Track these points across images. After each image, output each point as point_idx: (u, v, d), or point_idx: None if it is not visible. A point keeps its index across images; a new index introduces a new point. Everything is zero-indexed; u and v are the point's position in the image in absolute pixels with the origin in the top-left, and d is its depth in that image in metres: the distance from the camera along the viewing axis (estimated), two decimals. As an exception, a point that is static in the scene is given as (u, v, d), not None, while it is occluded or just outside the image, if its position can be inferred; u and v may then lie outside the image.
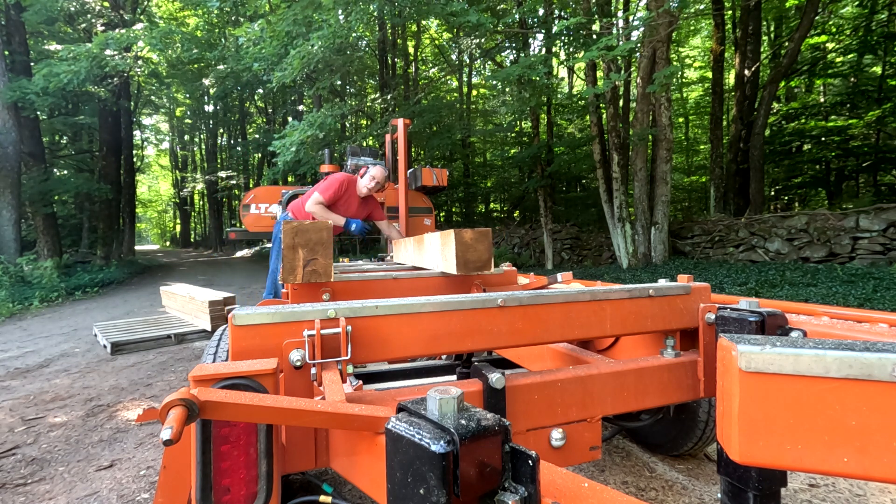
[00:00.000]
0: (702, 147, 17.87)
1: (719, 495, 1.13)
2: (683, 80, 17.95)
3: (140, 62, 12.49)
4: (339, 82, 15.47)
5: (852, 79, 13.06)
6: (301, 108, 19.64)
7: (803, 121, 13.30)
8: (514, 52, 15.02)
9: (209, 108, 26.82)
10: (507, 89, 12.09)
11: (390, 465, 0.55)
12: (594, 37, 8.08)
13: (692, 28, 16.71)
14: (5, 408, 3.08)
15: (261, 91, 20.54)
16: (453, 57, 17.90)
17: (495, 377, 1.09)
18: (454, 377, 2.04)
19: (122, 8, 14.99)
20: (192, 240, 37.64)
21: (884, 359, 0.55)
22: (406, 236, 4.02)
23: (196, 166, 34.67)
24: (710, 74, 13.66)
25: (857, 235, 7.19)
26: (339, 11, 8.16)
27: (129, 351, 4.56)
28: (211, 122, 28.53)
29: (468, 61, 16.81)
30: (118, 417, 2.84)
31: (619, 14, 11.76)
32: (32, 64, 11.72)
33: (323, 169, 3.53)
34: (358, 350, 1.05)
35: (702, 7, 11.91)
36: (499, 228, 15.66)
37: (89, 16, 14.37)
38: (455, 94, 19.55)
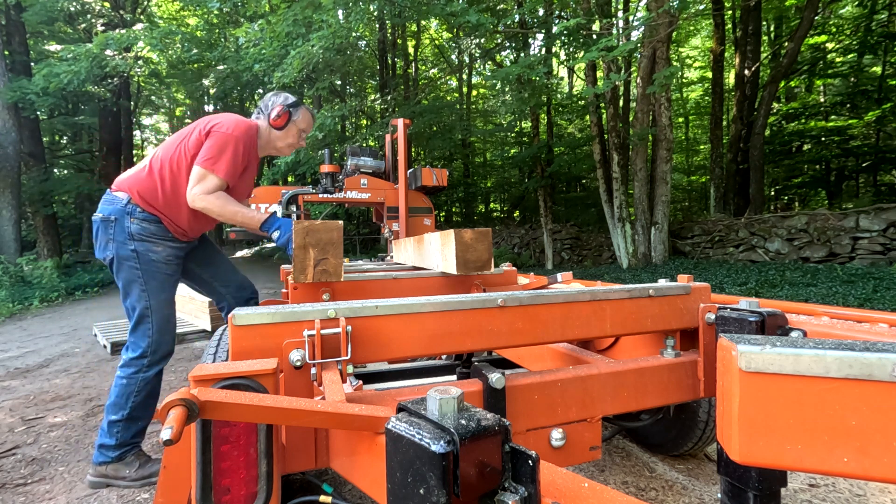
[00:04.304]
0: (702, 147, 17.87)
1: (719, 495, 1.13)
2: (683, 80, 17.95)
3: (140, 62, 12.49)
4: (339, 82, 15.48)
5: (852, 79, 13.07)
6: (301, 108, 19.60)
7: (803, 121, 13.31)
8: (514, 52, 15.03)
9: (209, 108, 26.82)
10: (506, 89, 12.08)
11: (390, 465, 0.55)
12: (594, 37, 8.09)
13: (692, 28, 16.71)
14: (5, 408, 3.09)
15: (261, 91, 20.54)
16: (453, 57, 17.90)
17: (495, 377, 1.09)
18: (454, 377, 2.04)
19: (122, 8, 15.00)
20: (192, 240, 37.60)
21: (884, 359, 0.56)
22: (406, 236, 4.01)
23: (196, 166, 34.62)
24: (710, 74, 13.67)
25: (857, 235, 7.19)
26: (339, 11, 8.16)
27: (129, 351, 4.56)
28: (211, 122, 28.52)
29: (468, 61, 16.81)
30: (118, 417, 2.84)
31: (619, 14, 11.76)
32: (32, 64, 11.73)
33: (323, 169, 3.49)
34: (358, 350, 1.06)
35: (702, 7, 11.91)
36: (499, 228, 15.66)
37: (89, 16, 14.37)
38: (455, 94, 19.55)
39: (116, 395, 1.89)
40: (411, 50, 18.90)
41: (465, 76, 18.10)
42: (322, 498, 1.12)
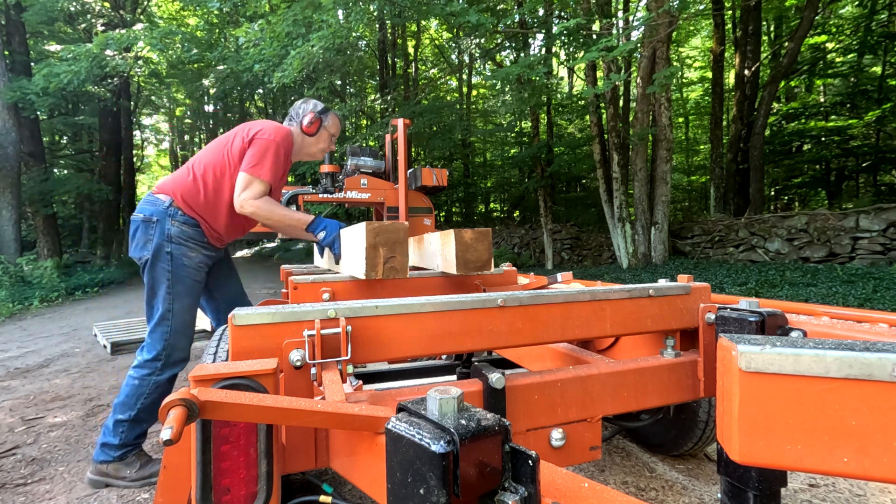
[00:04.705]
0: (702, 147, 17.87)
1: (719, 495, 1.13)
2: (683, 80, 17.95)
3: (140, 62, 12.49)
4: (338, 82, 15.47)
5: (852, 79, 13.06)
6: (301, 108, 19.59)
7: (803, 121, 13.31)
8: (514, 52, 15.03)
9: (209, 108, 26.82)
10: (506, 89, 12.09)
11: (390, 465, 0.55)
12: (594, 37, 8.09)
13: (692, 28, 16.71)
14: (5, 408, 3.08)
15: (261, 91, 20.54)
16: (453, 57, 17.90)
17: (495, 377, 1.09)
18: (454, 377, 2.04)
19: (122, 8, 15.00)
20: (192, 240, 37.57)
21: (884, 359, 0.56)
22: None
23: (196, 166, 34.63)
24: (710, 74, 13.67)
25: (857, 235, 7.19)
26: (339, 11, 8.15)
27: (130, 351, 4.55)
28: (211, 122, 28.54)
29: (468, 61, 16.81)
30: (118, 417, 2.84)
31: (619, 14, 11.76)
32: (32, 64, 11.72)
33: (323, 169, 3.48)
34: (358, 350, 1.06)
35: (702, 7, 11.91)
36: (499, 228, 15.67)
37: (89, 16, 14.37)
38: (455, 94, 19.54)
39: (126, 394, 1.88)
40: (411, 50, 18.90)
41: (465, 76, 18.10)
42: (322, 498, 1.12)
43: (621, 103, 11.36)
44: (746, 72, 11.06)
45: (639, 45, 8.17)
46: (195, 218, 1.97)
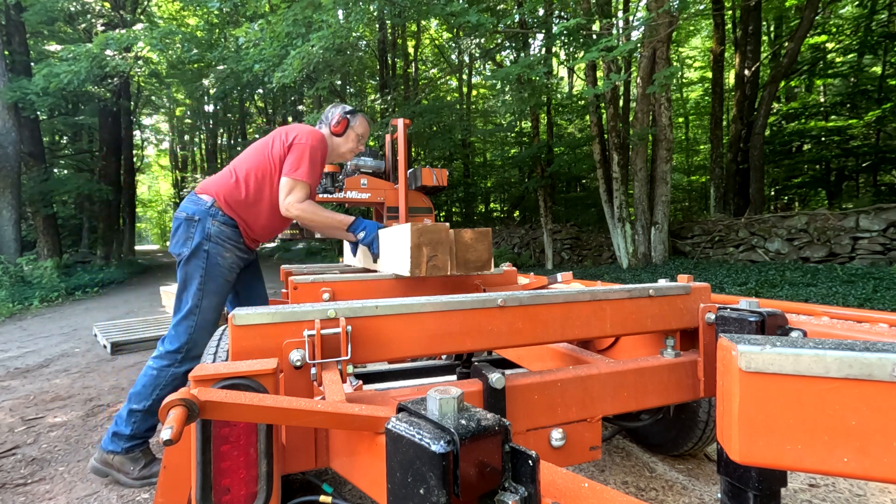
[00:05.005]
0: (702, 147, 17.87)
1: (719, 495, 1.13)
2: (683, 80, 17.95)
3: (140, 62, 12.49)
4: (339, 82, 15.47)
5: (852, 79, 13.06)
6: (301, 108, 19.64)
7: (803, 121, 13.30)
8: (514, 52, 15.03)
9: (209, 108, 26.83)
10: (506, 89, 12.09)
11: (390, 465, 0.55)
12: (594, 37, 8.09)
13: (692, 28, 16.71)
14: (5, 408, 3.09)
15: (261, 91, 20.54)
16: (453, 57, 17.89)
17: (495, 377, 1.09)
18: (454, 377, 2.04)
19: (122, 8, 15.00)
20: (192, 240, 37.51)
21: (884, 359, 0.56)
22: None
23: (196, 166, 34.67)
24: (710, 74, 13.67)
25: (857, 235, 7.19)
26: (339, 11, 8.15)
27: (129, 351, 4.56)
28: (211, 122, 28.54)
29: (468, 61, 16.81)
30: (118, 417, 2.85)
31: (619, 14, 11.76)
32: (32, 64, 11.72)
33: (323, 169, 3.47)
34: (358, 350, 1.06)
35: (702, 7, 11.91)
36: (499, 228, 15.66)
37: (89, 16, 14.36)
38: (455, 94, 19.54)
39: (143, 384, 1.92)
40: (411, 50, 18.90)
41: (465, 76, 18.10)
42: (322, 498, 1.12)
43: (621, 103, 11.36)
44: (746, 72, 11.06)
45: (639, 45, 8.17)
46: (234, 219, 2.06)
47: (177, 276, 2.03)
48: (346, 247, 2.82)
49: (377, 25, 13.66)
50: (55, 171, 15.24)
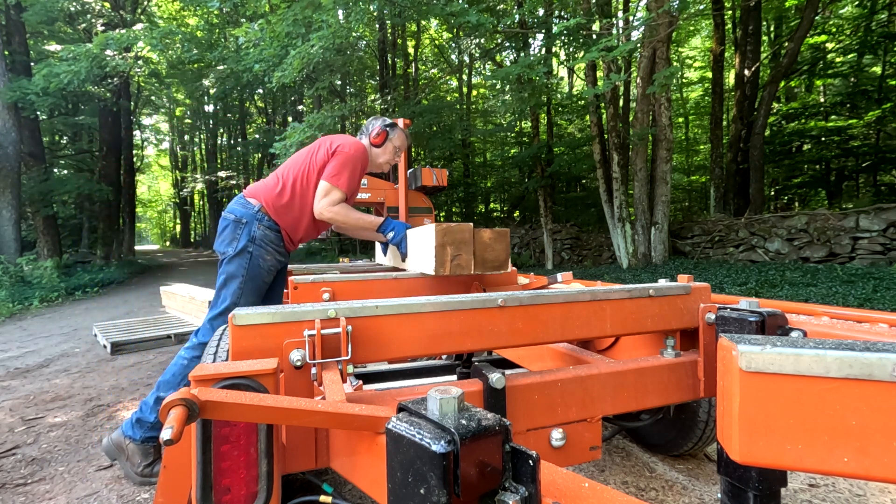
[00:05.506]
0: (702, 147, 17.87)
1: (719, 495, 1.13)
2: (683, 80, 17.95)
3: (140, 62, 12.49)
4: (339, 82, 15.47)
5: (852, 79, 13.06)
6: (301, 108, 19.65)
7: (803, 121, 13.30)
8: (514, 52, 15.03)
9: (209, 108, 26.84)
10: (506, 89, 12.09)
11: (391, 464, 0.55)
12: (594, 37, 8.09)
13: (692, 28, 16.71)
14: (5, 408, 3.09)
15: (261, 91, 20.54)
16: (453, 57, 17.89)
17: (495, 377, 1.09)
18: (454, 377, 2.04)
19: (122, 8, 14.99)
20: (192, 240, 37.63)
21: (884, 359, 0.56)
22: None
23: (196, 166, 34.68)
24: (710, 74, 13.67)
25: (857, 235, 7.19)
26: (339, 11, 8.15)
27: (129, 351, 4.56)
28: (211, 122, 28.55)
29: (468, 61, 16.80)
30: (118, 417, 2.84)
31: (619, 14, 11.76)
32: (32, 64, 11.72)
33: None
34: (358, 350, 1.06)
35: (702, 7, 11.91)
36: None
37: (89, 16, 14.36)
38: (455, 94, 19.54)
39: (172, 373, 1.95)
40: (411, 50, 18.89)
41: (465, 76, 18.09)
42: (322, 498, 1.12)
43: (621, 103, 11.36)
44: (746, 72, 11.06)
45: (639, 45, 8.17)
46: (278, 223, 2.16)
47: (218, 272, 2.12)
48: (377, 247, 2.95)
49: (377, 25, 13.66)
50: (55, 171, 15.24)
